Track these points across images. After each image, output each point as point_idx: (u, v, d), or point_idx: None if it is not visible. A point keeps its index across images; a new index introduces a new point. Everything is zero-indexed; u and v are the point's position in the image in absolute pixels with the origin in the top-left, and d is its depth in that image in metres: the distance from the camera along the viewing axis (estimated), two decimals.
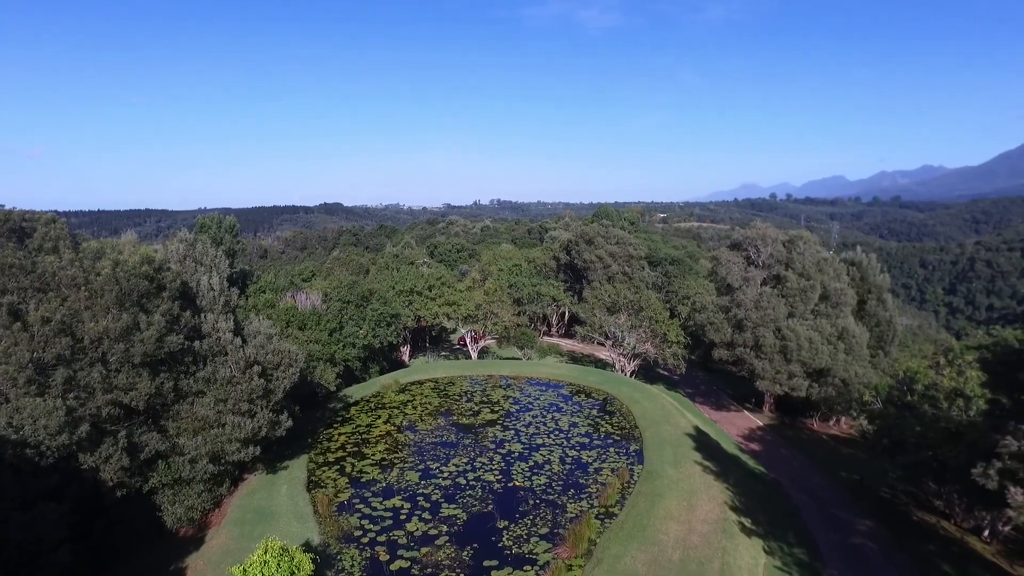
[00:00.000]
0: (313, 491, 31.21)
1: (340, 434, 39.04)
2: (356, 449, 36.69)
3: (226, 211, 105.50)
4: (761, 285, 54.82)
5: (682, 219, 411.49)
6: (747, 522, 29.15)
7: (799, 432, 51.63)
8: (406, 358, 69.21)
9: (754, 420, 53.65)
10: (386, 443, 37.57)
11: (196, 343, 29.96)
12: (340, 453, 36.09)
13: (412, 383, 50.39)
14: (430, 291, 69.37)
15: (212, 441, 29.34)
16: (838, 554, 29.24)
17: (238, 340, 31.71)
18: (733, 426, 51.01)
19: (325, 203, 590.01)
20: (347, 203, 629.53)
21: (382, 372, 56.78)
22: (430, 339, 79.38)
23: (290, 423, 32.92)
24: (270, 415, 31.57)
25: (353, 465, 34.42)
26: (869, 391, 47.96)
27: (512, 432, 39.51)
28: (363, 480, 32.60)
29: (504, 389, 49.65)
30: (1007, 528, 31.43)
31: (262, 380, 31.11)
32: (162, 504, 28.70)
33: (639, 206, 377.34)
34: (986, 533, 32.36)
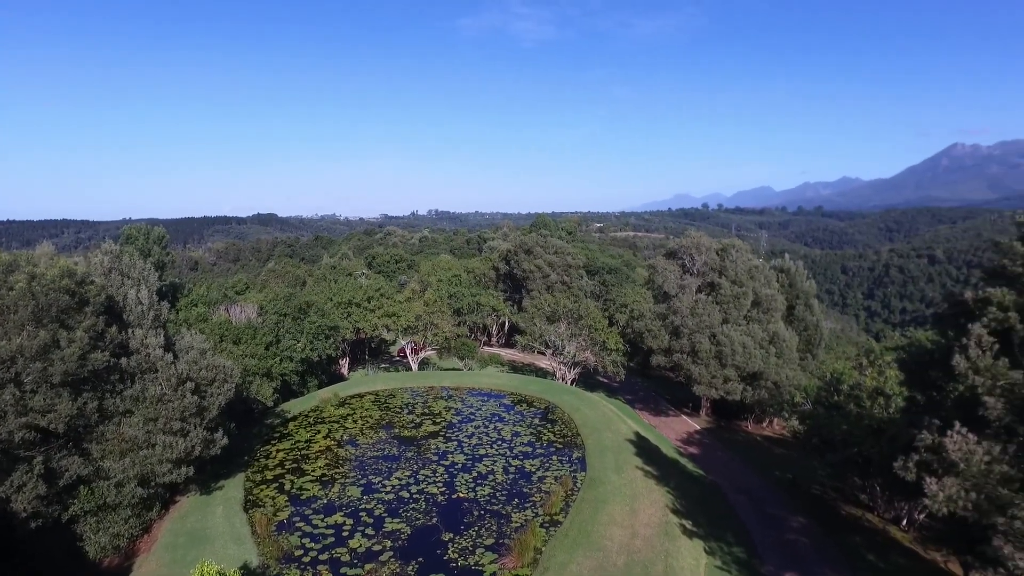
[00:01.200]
0: (251, 511, 30.16)
1: (278, 451, 37.93)
2: (295, 466, 35.73)
3: (153, 222, 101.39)
4: (696, 292, 56.46)
5: (618, 229, 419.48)
6: (688, 524, 29.89)
7: (735, 434, 53.33)
8: (345, 371, 67.93)
9: (692, 424, 55.08)
10: (326, 458, 36.74)
11: (123, 360, 28.57)
12: (279, 470, 35.06)
13: (352, 396, 49.49)
14: (369, 302, 68.39)
15: (141, 463, 27.99)
16: (774, 550, 30.33)
17: (169, 356, 30.45)
18: (672, 430, 52.22)
19: (259, 214, 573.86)
20: (282, 214, 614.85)
21: (321, 386, 55.55)
22: (369, 351, 78.16)
23: (225, 441, 31.77)
24: (204, 433, 30.39)
25: (292, 482, 33.49)
26: (799, 393, 50.05)
27: (455, 443, 39.31)
28: (303, 497, 31.76)
29: (445, 400, 49.36)
30: (922, 516, 33.52)
31: (195, 397, 29.96)
32: (84, 533, 27.09)
33: (576, 216, 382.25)
34: (904, 522, 34.37)
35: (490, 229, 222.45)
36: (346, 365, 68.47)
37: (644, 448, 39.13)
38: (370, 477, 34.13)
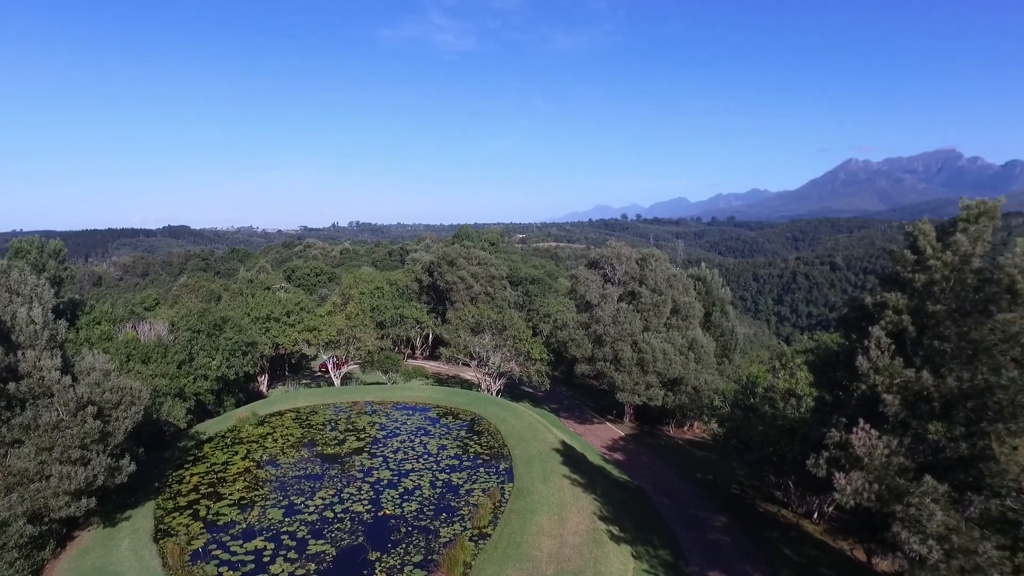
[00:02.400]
0: (162, 541, 28.44)
1: (192, 475, 36.01)
2: (211, 490, 34.00)
3: (48, 234, 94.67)
4: (618, 301, 57.77)
5: (540, 239, 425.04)
6: (615, 530, 30.38)
7: (658, 439, 54.75)
8: (264, 388, 65.45)
9: (617, 431, 56.17)
10: (245, 480, 35.18)
11: (11, 385, 26.38)
12: (193, 496, 33.26)
13: (272, 414, 47.68)
14: (288, 317, 66.28)
15: (32, 497, 25.74)
16: (698, 550, 31.26)
17: (67, 379, 28.37)
18: (597, 438, 53.06)
19: (170, 226, 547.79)
20: (195, 226, 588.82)
21: (238, 404, 53.23)
22: (290, 367, 75.65)
23: (133, 467, 29.82)
24: (108, 461, 28.43)
25: (208, 508, 31.85)
26: (718, 396, 52.01)
27: (380, 459, 38.52)
28: (220, 523, 30.25)
29: (370, 415, 48.35)
30: (831, 509, 35.51)
31: (98, 422, 28.00)
32: None
33: (499, 227, 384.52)
34: (816, 515, 36.29)
35: (413, 240, 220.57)
36: (265, 382, 66.00)
37: (571, 456, 39.57)
38: (292, 498, 32.92)
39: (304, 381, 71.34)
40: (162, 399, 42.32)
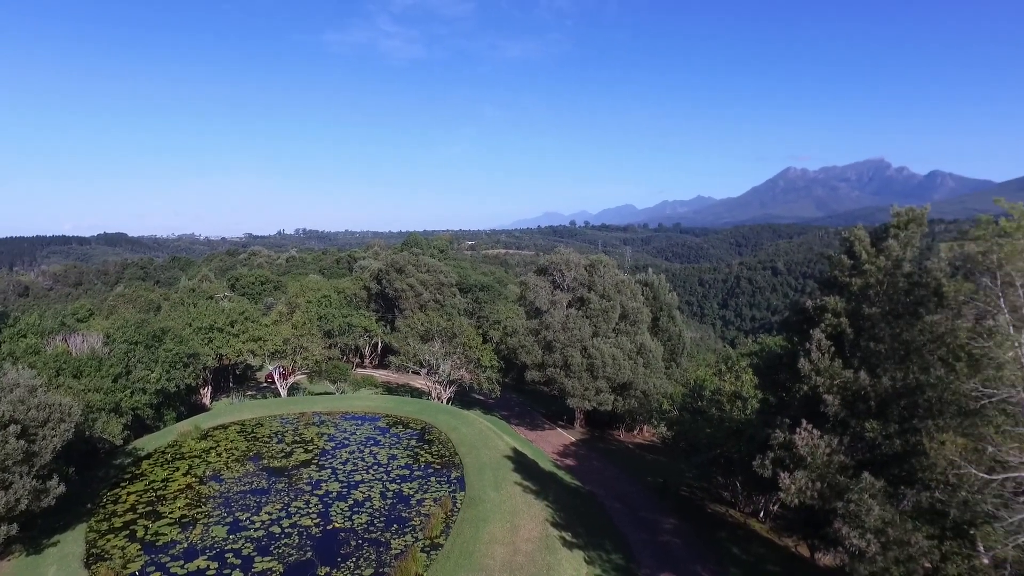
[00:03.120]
0: (94, 566, 26.97)
1: (129, 493, 34.44)
2: (150, 509, 32.57)
3: None
4: (567, 307, 58.19)
5: (490, 246, 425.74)
6: (568, 536, 30.45)
7: (608, 443, 55.27)
8: (207, 401, 63.27)
9: (567, 436, 56.45)
10: (187, 497, 33.85)
11: None
12: (129, 516, 31.78)
13: (215, 428, 46.13)
14: (232, 327, 64.33)
15: None
16: (649, 552, 31.65)
17: None
18: (549, 444, 53.22)
19: (105, 233, 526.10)
20: (133, 233, 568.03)
21: (180, 418, 51.28)
22: (234, 378, 73.41)
23: (62, 489, 28.22)
24: (33, 483, 26.81)
25: (146, 528, 30.48)
26: (666, 400, 52.89)
27: (329, 471, 37.67)
28: (159, 543, 28.98)
29: (318, 426, 47.31)
30: (776, 507, 36.49)
31: (22, 442, 26.42)
32: None
33: (448, 234, 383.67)
34: (762, 514, 37.24)
35: (361, 248, 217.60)
36: (208, 394, 63.83)
37: (522, 463, 39.53)
38: (237, 514, 31.84)
39: (250, 393, 69.35)
40: (96, 415, 40.40)
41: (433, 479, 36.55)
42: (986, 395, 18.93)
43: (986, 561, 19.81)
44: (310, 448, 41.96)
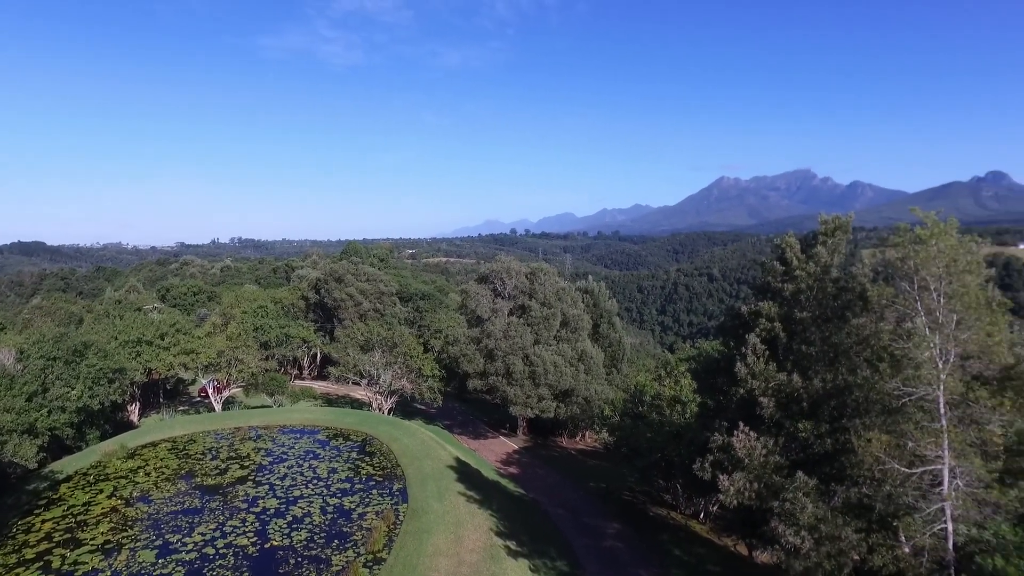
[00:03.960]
0: None
1: (45, 521, 32.33)
2: (68, 536, 30.66)
3: None
4: (508, 315, 58.27)
5: (431, 254, 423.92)
6: (512, 544, 30.33)
7: (551, 450, 55.51)
8: (135, 417, 60.36)
9: (511, 444, 56.43)
10: (111, 521, 32.08)
11: None
12: (44, 545, 29.77)
13: (144, 446, 44.04)
14: (163, 339, 61.64)
15: None
16: (593, 558, 31.86)
17: None
18: (492, 452, 53.06)
19: (20, 242, 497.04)
20: (51, 242, 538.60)
21: (104, 437, 48.64)
22: (165, 393, 70.31)
23: None
24: None
25: (64, 557, 28.62)
26: (608, 406, 53.51)
27: (266, 487, 36.45)
28: (78, 574, 27.33)
29: (254, 441, 45.80)
30: (715, 508, 37.37)
31: None
32: None
33: (388, 242, 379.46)
34: (702, 515, 38.08)
35: (299, 257, 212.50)
36: (136, 411, 60.91)
37: (465, 473, 39.25)
38: (167, 536, 30.39)
39: (181, 408, 66.59)
40: (6, 437, 37.83)
41: (375, 492, 35.85)
42: (906, 393, 19.92)
43: (907, 550, 20.79)
44: (246, 464, 40.55)
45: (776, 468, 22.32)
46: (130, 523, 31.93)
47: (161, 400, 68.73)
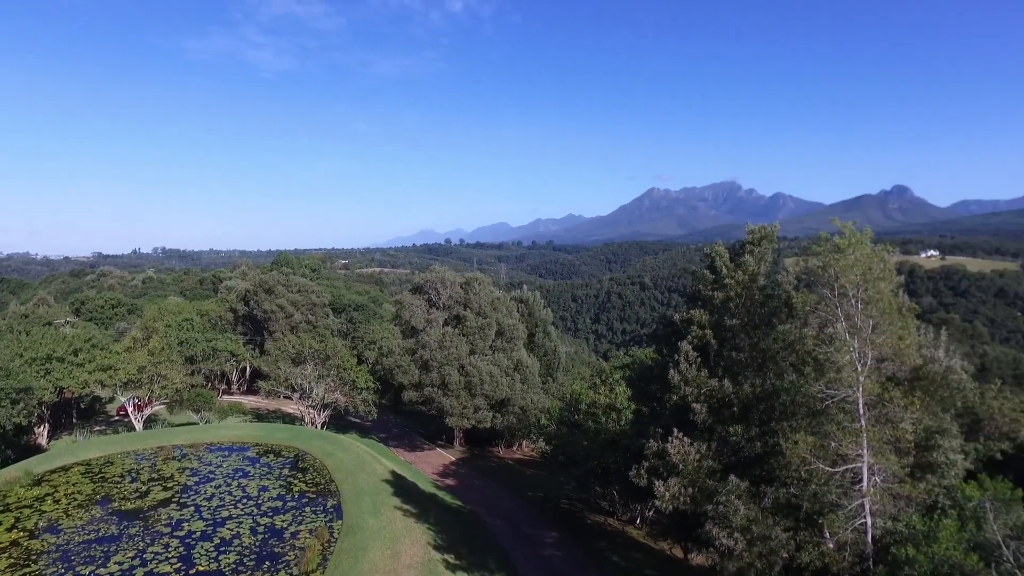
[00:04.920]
0: None
1: None
2: None
3: None
4: (443, 326, 57.88)
5: (364, 265, 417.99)
6: (451, 558, 29.94)
7: (488, 461, 55.32)
8: (44, 441, 56.62)
9: (448, 456, 55.91)
10: (11, 557, 29.70)
11: None
12: None
13: (53, 471, 41.19)
14: (76, 356, 58.13)
15: None
16: (532, 567, 31.84)
17: None
18: (429, 465, 52.42)
19: None
20: None
21: (6, 463, 45.31)
22: (79, 413, 66.28)
23: None
24: None
25: None
26: (544, 415, 53.76)
27: (191, 509, 34.75)
28: None
29: (179, 460, 43.66)
30: (651, 513, 38.02)
31: None
32: None
33: (320, 253, 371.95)
34: (639, 521, 38.67)
35: (227, 268, 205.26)
36: (45, 433, 57.14)
37: (402, 486, 38.59)
38: (78, 568, 28.43)
39: (98, 428, 62.95)
40: None
41: (308, 509, 34.74)
42: (829, 396, 20.80)
43: (831, 546, 21.66)
44: (170, 485, 38.56)
45: (709, 472, 22.87)
46: (34, 557, 29.71)
47: (74, 421, 64.79)
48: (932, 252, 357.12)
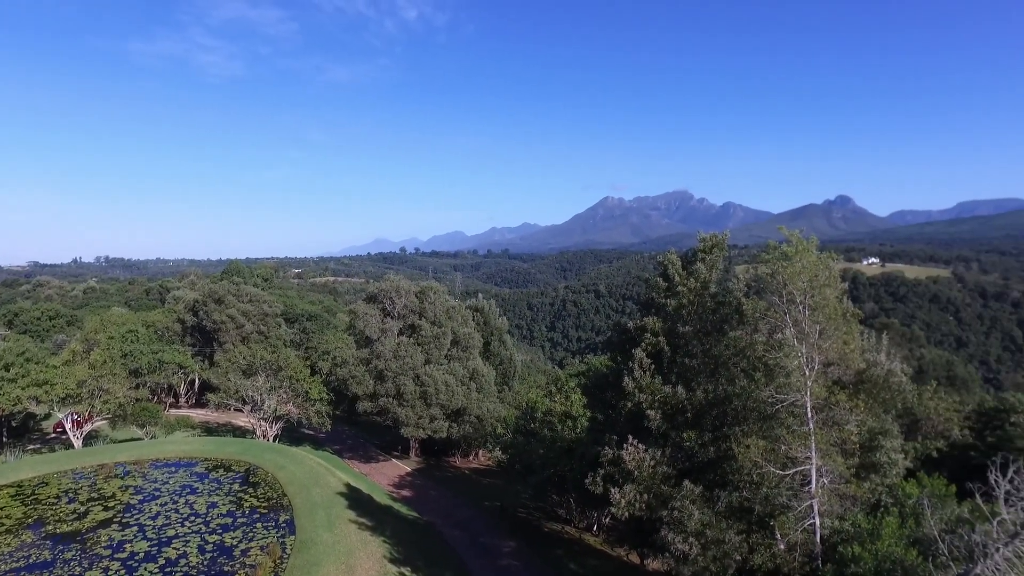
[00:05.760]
0: None
1: None
2: None
3: None
4: (398, 335, 57.27)
5: (317, 274, 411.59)
6: (407, 571, 29.53)
7: (445, 471, 54.82)
8: None
9: (403, 467, 55.21)
10: None
11: None
12: None
13: None
14: (8, 371, 55.38)
15: None
16: None
17: None
18: (384, 476, 51.68)
19: None
20: None
21: None
22: (10, 431, 63.11)
23: None
24: None
25: None
26: (500, 424, 53.63)
27: (135, 529, 33.38)
28: None
29: (122, 478, 41.97)
30: (608, 520, 38.25)
31: None
32: None
33: (273, 262, 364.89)
34: (595, 528, 38.83)
35: (175, 277, 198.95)
36: None
37: (356, 499, 37.93)
38: None
39: (32, 446, 60.07)
40: None
41: (259, 525, 33.79)
42: (779, 400, 21.32)
43: (782, 547, 22.18)
44: (111, 505, 36.97)
45: (664, 478, 23.15)
46: None
47: (4, 439, 61.66)
48: (873, 260, 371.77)
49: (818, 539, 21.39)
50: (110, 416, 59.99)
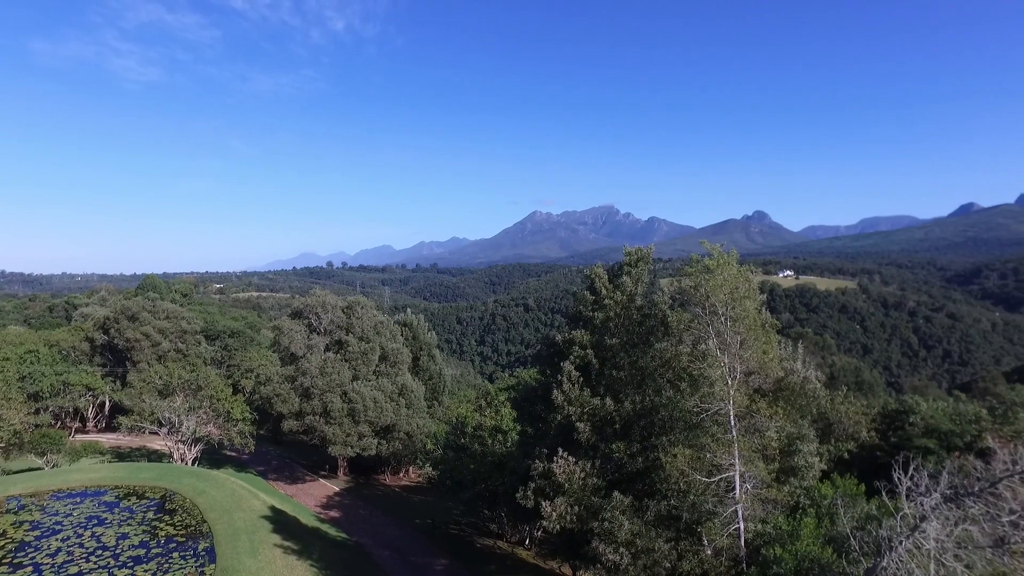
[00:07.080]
0: None
1: None
2: None
3: None
4: (325, 351, 55.89)
5: (240, 289, 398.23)
6: None
7: (374, 489, 53.60)
8: None
9: (331, 487, 53.67)
10: None
11: None
12: None
13: None
14: None
15: None
16: None
17: None
18: (311, 497, 50.06)
19: None
20: None
21: None
22: None
23: None
24: None
25: None
26: (430, 439, 52.99)
27: (29, 569, 30.86)
28: None
29: (15, 513, 38.77)
30: (539, 534, 38.28)
31: None
32: None
33: (192, 277, 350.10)
34: (528, 542, 38.78)
35: (84, 293, 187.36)
36: None
37: (282, 522, 36.52)
38: None
39: None
40: None
41: (176, 554, 31.96)
42: (704, 409, 21.94)
43: (709, 552, 22.74)
44: (1, 543, 34.13)
45: (594, 490, 23.37)
46: None
47: None
48: (788, 272, 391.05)
49: (743, 543, 22.06)
50: (3, 445, 55.61)
